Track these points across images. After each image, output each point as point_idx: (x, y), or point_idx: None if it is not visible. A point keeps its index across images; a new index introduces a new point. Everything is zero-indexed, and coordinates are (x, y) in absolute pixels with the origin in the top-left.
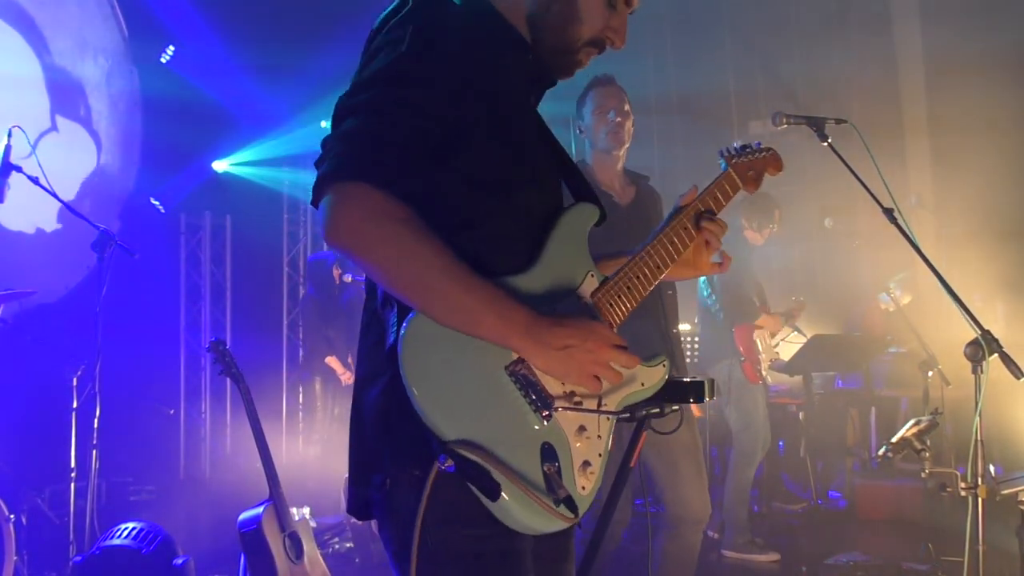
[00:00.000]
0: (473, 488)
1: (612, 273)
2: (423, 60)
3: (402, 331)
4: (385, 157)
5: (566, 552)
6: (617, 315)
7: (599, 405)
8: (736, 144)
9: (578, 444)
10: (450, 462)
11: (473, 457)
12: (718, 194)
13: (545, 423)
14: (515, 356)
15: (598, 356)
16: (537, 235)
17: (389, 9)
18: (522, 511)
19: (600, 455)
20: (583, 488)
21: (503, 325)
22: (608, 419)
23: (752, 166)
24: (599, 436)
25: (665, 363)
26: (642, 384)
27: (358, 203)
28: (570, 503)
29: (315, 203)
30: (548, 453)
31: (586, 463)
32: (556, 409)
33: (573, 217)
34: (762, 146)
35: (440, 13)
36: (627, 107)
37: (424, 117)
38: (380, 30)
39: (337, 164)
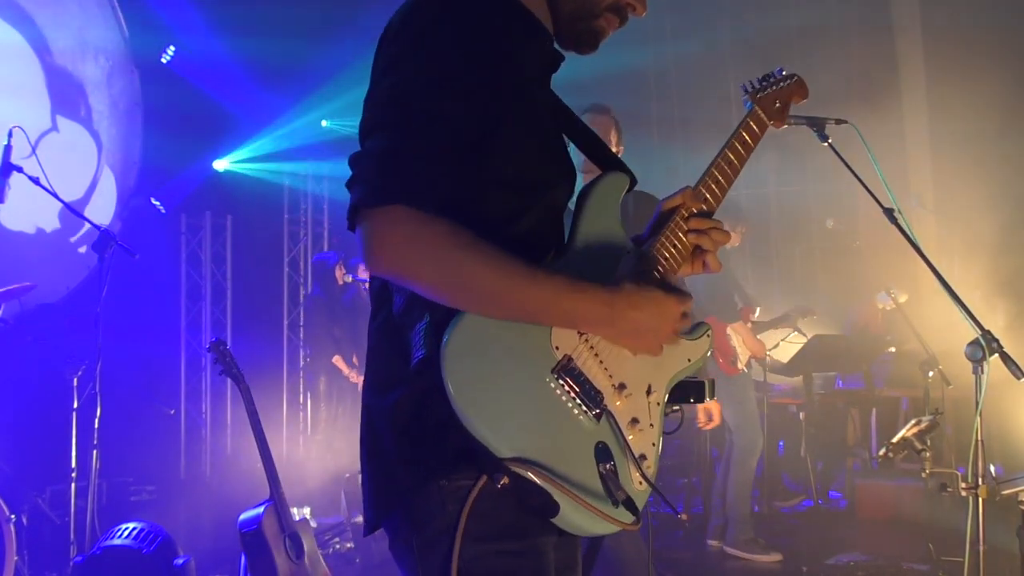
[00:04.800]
0: (527, 503)
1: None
2: (451, 65)
3: (444, 343)
4: (418, 175)
5: (576, 561)
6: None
7: (648, 392)
8: (756, 78)
9: (631, 436)
10: (505, 480)
11: (531, 476)
12: (746, 136)
13: (597, 421)
14: (559, 357)
15: (662, 336)
16: (561, 227)
17: (406, 4)
18: (581, 519)
19: (654, 444)
20: (640, 483)
21: (579, 316)
22: (659, 405)
23: (778, 96)
24: (651, 425)
25: (709, 333)
26: (688, 360)
27: (396, 227)
28: (629, 504)
29: (351, 229)
30: (603, 453)
31: (642, 456)
32: (606, 407)
33: (606, 188)
34: (784, 72)
35: (461, 8)
36: (613, 137)
37: (456, 127)
38: (401, 28)
39: (369, 189)
